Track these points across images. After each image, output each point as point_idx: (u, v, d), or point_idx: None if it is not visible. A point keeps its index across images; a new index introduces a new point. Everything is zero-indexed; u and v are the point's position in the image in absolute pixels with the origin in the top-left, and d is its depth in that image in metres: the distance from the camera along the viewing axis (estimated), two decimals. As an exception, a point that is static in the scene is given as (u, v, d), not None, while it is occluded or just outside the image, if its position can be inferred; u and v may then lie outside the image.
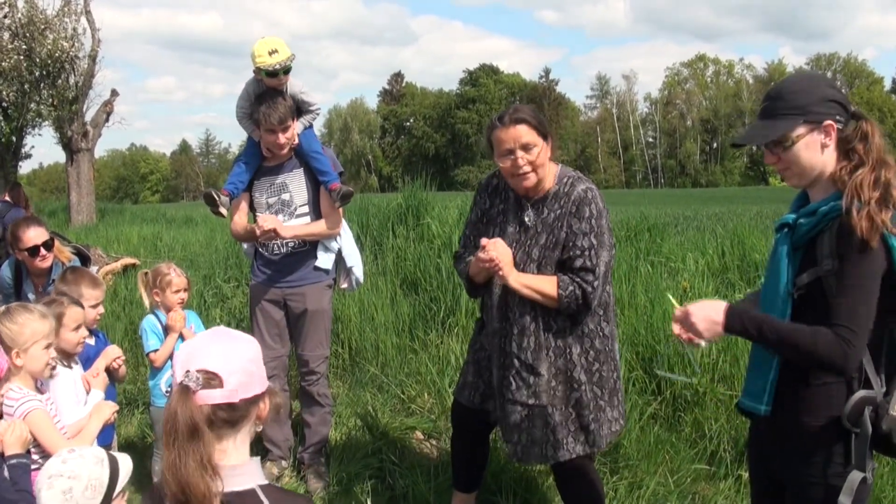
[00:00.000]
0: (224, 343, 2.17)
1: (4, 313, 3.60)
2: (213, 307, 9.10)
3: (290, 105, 5.15)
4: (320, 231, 5.38)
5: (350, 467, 5.48)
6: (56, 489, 2.45)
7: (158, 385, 5.35)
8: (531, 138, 3.81)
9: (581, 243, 3.81)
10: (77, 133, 27.82)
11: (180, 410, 1.99)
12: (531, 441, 4.00)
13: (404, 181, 10.40)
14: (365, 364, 7.10)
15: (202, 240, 15.00)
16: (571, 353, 3.91)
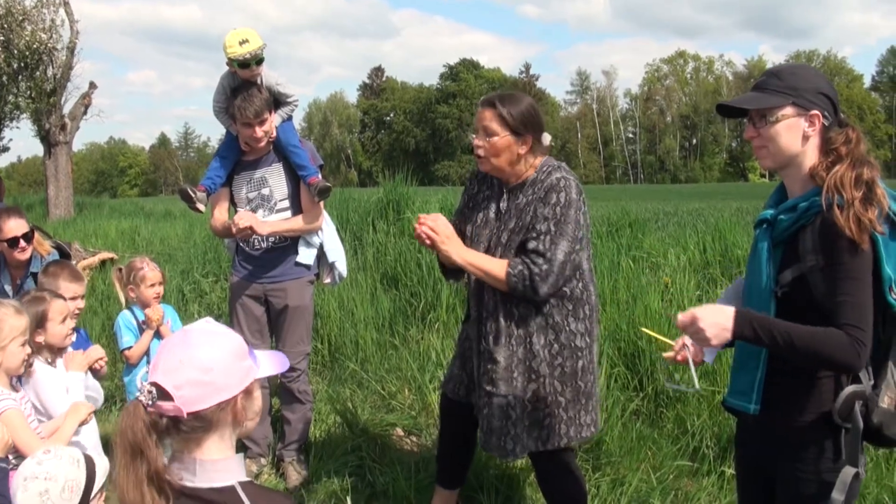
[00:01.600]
0: (179, 352, 2.05)
1: None
2: (192, 302, 9.04)
3: (267, 98, 5.06)
4: (299, 227, 5.31)
5: (330, 464, 5.43)
6: (32, 491, 2.39)
7: (134, 381, 5.30)
8: (492, 125, 3.80)
9: (539, 227, 3.77)
10: (55, 126, 27.59)
11: (124, 426, 1.95)
12: (490, 430, 3.96)
13: (384, 176, 10.36)
14: (344, 360, 7.05)
15: (181, 234, 14.93)
16: (533, 343, 3.86)
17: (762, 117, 2.77)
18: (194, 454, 2.04)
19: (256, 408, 2.17)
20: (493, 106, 3.81)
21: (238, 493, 2.05)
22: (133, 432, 1.93)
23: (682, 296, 7.08)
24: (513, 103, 3.83)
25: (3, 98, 29.10)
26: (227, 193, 5.42)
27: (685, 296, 7.07)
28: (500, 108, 3.79)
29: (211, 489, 2.01)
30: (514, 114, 3.80)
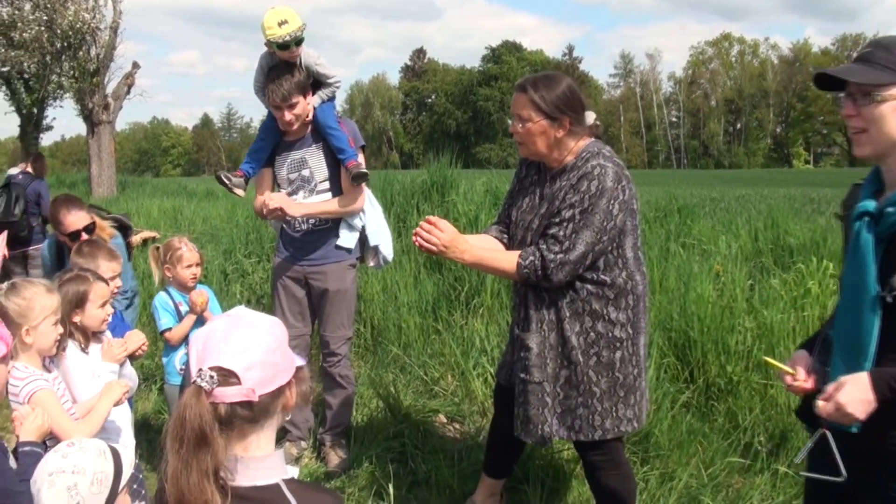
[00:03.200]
0: (242, 333, 1.96)
1: (10, 289, 3.45)
2: (234, 282, 9.01)
3: (300, 80, 4.97)
4: (334, 209, 5.22)
5: (371, 450, 5.35)
6: (59, 486, 2.31)
7: (173, 362, 5.25)
8: (525, 111, 3.69)
9: (564, 213, 3.64)
10: (98, 105, 27.85)
11: (189, 414, 1.81)
12: (526, 417, 3.87)
13: (425, 158, 10.26)
14: (387, 344, 6.97)
15: (223, 214, 14.95)
16: (565, 329, 3.74)
17: (866, 95, 2.48)
18: (235, 451, 1.93)
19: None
20: (524, 91, 3.70)
21: (283, 490, 1.95)
22: (200, 420, 1.81)
23: (734, 285, 6.89)
24: (547, 86, 3.69)
25: (47, 77, 29.39)
26: (269, 174, 5.34)
27: (737, 285, 6.88)
28: (531, 92, 3.67)
29: (254, 487, 1.91)
30: (548, 97, 3.66)
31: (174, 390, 5.25)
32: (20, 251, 9.59)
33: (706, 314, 6.01)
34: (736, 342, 5.85)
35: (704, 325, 5.90)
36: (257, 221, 10.32)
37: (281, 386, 1.97)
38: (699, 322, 5.94)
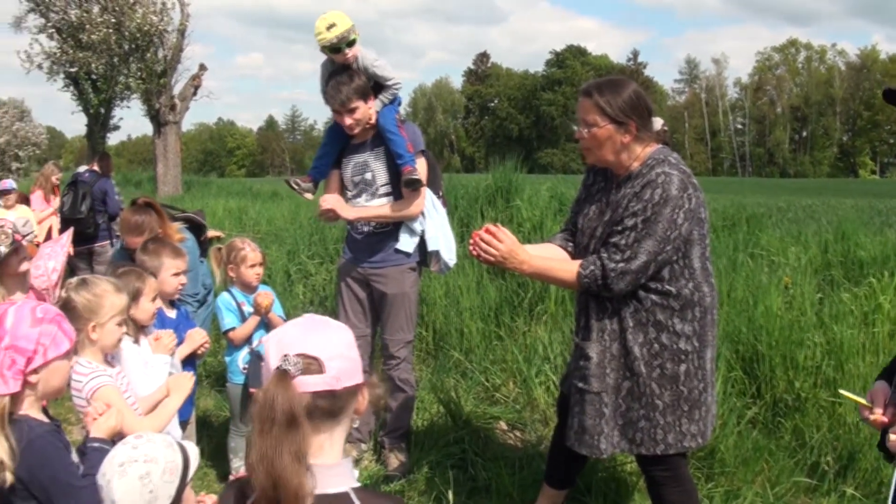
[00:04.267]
0: (321, 329, 1.98)
1: (80, 284, 3.48)
2: (297, 283, 9.05)
3: (359, 85, 4.98)
4: (388, 214, 5.22)
5: (431, 455, 5.33)
6: (131, 475, 2.32)
7: (236, 362, 5.30)
8: (591, 116, 3.62)
9: (627, 221, 3.57)
10: (165, 106, 28.33)
11: (279, 397, 1.80)
12: (582, 428, 3.81)
13: (487, 162, 10.22)
14: (449, 349, 6.94)
15: (287, 215, 15.08)
16: (628, 339, 3.67)
17: None
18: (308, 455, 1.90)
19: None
20: (589, 96, 3.63)
21: (352, 499, 1.93)
22: (289, 402, 1.81)
23: (803, 298, 6.74)
24: (612, 91, 3.62)
25: (114, 79, 29.99)
26: (337, 176, 5.37)
27: (806, 298, 6.73)
28: (597, 97, 3.60)
29: (323, 495, 1.88)
30: (614, 102, 3.59)
31: (237, 389, 5.31)
32: (86, 248, 9.77)
33: (774, 328, 5.89)
34: (804, 357, 5.71)
35: (773, 339, 5.78)
36: (320, 223, 10.38)
37: (357, 384, 1.96)
38: (767, 336, 5.81)
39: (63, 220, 10.06)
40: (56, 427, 2.73)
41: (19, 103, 57.58)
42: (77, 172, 10.64)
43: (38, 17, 30.49)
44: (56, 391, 2.73)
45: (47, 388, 2.64)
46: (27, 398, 2.59)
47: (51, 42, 30.42)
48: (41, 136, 56.82)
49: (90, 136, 33.86)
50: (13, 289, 4.44)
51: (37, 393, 2.61)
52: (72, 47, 29.35)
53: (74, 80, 31.98)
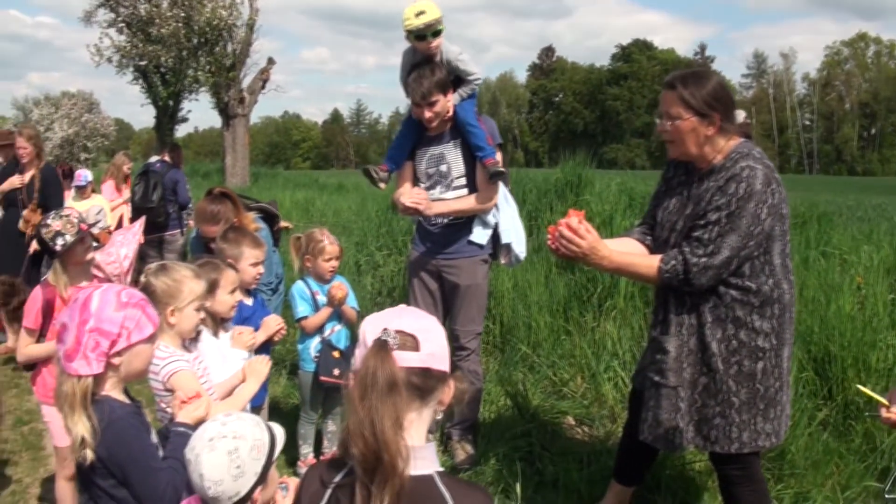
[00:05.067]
0: (417, 314, 2.06)
1: (160, 269, 3.54)
2: (366, 274, 9.10)
3: (440, 78, 4.99)
4: (468, 207, 5.23)
5: (499, 447, 5.33)
6: (220, 450, 2.35)
7: (308, 350, 5.35)
8: (675, 108, 3.58)
9: (710, 216, 3.52)
10: (234, 99, 28.66)
11: (379, 366, 1.87)
12: (657, 422, 3.77)
13: (551, 157, 10.19)
14: (517, 342, 6.91)
15: (354, 207, 15.13)
16: (706, 335, 3.63)
17: None
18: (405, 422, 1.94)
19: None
20: (673, 88, 3.59)
21: (436, 483, 1.95)
22: (390, 369, 1.87)
23: (876, 299, 6.60)
24: (696, 83, 3.57)
25: (183, 72, 30.43)
26: (410, 168, 5.39)
27: (878, 299, 6.59)
28: (681, 89, 3.56)
29: (409, 476, 1.89)
30: (697, 94, 3.54)
31: (308, 376, 5.37)
32: (156, 236, 9.94)
33: (847, 328, 5.78)
34: (877, 359, 5.61)
35: (845, 340, 5.67)
36: (389, 214, 10.42)
37: (446, 372, 2.00)
38: (840, 336, 5.71)
39: (134, 209, 10.26)
40: (137, 408, 2.78)
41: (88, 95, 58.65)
42: (148, 163, 10.82)
43: (108, 12, 31.18)
44: (138, 373, 2.79)
45: (130, 370, 2.70)
46: (109, 379, 2.65)
47: (120, 36, 31.05)
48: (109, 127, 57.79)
49: (159, 127, 34.46)
50: (78, 277, 4.56)
51: (119, 375, 2.67)
52: (141, 41, 29.91)
53: (143, 74, 32.58)
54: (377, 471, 1.84)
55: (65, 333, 2.56)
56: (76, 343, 2.53)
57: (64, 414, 2.55)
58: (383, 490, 1.83)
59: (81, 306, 2.56)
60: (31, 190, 8.32)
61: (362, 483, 1.88)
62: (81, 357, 2.53)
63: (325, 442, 5.64)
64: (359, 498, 1.89)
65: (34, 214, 8.17)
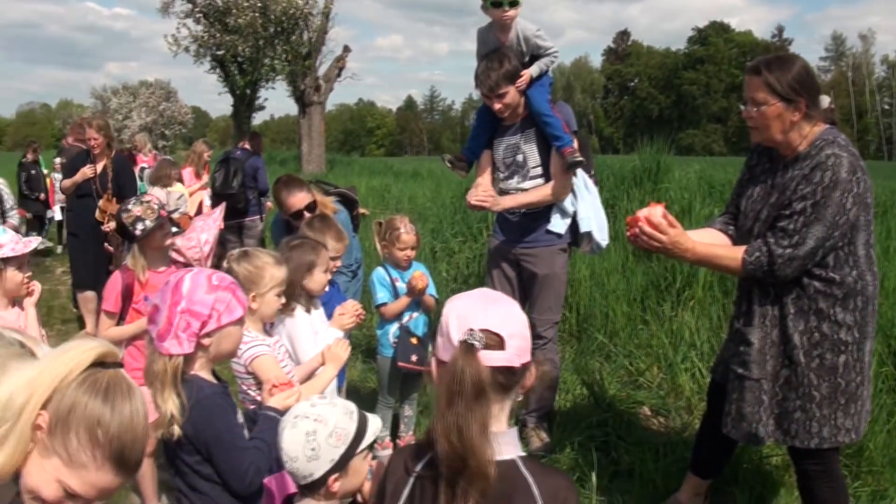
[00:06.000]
0: (499, 305, 2.02)
1: (242, 255, 3.62)
2: (441, 261, 9.11)
3: (507, 70, 4.95)
4: (541, 199, 5.21)
5: (574, 436, 5.32)
6: (300, 429, 2.41)
7: (387, 335, 5.40)
8: (760, 94, 3.51)
9: (795, 205, 3.46)
10: (310, 87, 28.91)
11: (468, 369, 1.85)
12: (740, 415, 3.72)
13: (626, 143, 10.07)
14: (593, 331, 6.89)
15: (429, 194, 15.15)
16: (789, 327, 3.57)
17: None
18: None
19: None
20: (758, 73, 3.52)
21: (519, 467, 1.95)
22: (478, 374, 1.86)
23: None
24: (781, 67, 3.50)
25: (260, 61, 30.78)
26: (489, 157, 5.40)
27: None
28: (766, 74, 3.49)
29: None
30: (783, 79, 3.47)
31: (386, 362, 5.44)
32: (236, 222, 10.09)
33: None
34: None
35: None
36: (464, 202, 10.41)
37: (528, 362, 1.99)
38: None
39: (214, 196, 10.44)
40: (224, 388, 2.85)
41: (165, 84, 60.03)
42: (229, 150, 10.98)
43: (185, 3, 31.73)
44: (227, 354, 2.87)
45: (219, 351, 2.76)
46: (199, 360, 2.72)
47: (197, 26, 31.52)
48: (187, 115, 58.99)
49: (236, 115, 34.99)
50: (157, 262, 4.69)
51: (208, 355, 2.74)
52: (218, 31, 30.36)
53: (221, 63, 33.09)
54: (463, 472, 1.84)
55: (157, 314, 2.63)
56: (168, 323, 2.60)
57: (154, 391, 2.62)
58: (468, 492, 1.85)
59: (174, 288, 2.63)
60: (104, 180, 8.51)
61: (447, 482, 1.89)
62: (173, 337, 2.60)
63: (402, 426, 5.69)
64: (443, 497, 1.90)
65: (109, 203, 8.39)
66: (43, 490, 1.91)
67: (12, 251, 3.96)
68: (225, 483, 2.71)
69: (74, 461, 1.86)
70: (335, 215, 5.68)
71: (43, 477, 1.90)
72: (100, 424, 1.84)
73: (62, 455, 1.86)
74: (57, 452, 1.86)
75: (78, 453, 1.85)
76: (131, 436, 1.88)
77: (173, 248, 5.01)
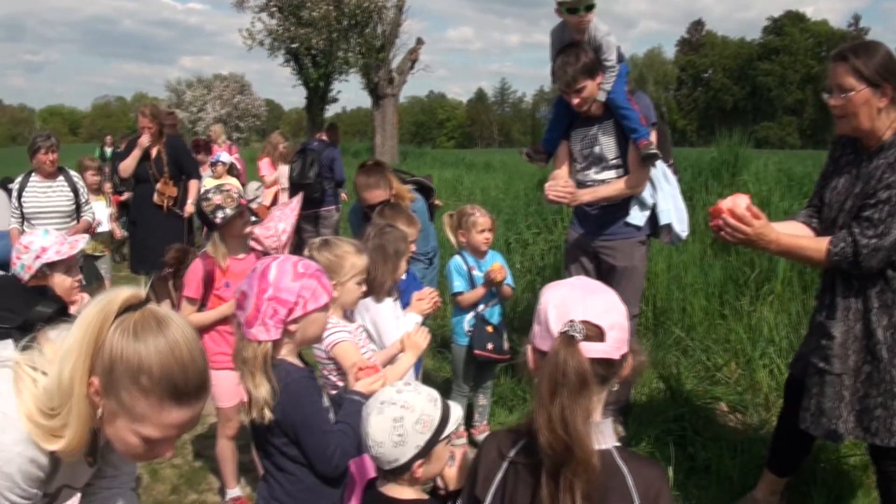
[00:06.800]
0: (599, 296, 2.02)
1: (323, 244, 3.66)
2: (515, 252, 9.09)
3: (586, 63, 4.90)
4: (617, 192, 5.17)
5: (650, 430, 5.29)
6: (386, 415, 2.43)
7: (462, 324, 5.43)
8: (847, 80, 3.44)
9: (881, 194, 3.38)
10: (383, 79, 29.03)
11: (571, 361, 1.85)
12: (820, 411, 3.63)
13: (699, 136, 9.94)
14: (670, 325, 6.82)
15: (501, 185, 15.13)
16: (872, 321, 3.49)
17: None
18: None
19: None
20: (844, 59, 3.45)
21: (614, 457, 1.96)
22: (580, 366, 1.85)
23: None
24: (866, 53, 3.44)
25: (334, 54, 31.01)
26: (566, 149, 5.38)
27: None
28: (852, 60, 3.43)
29: None
30: (869, 64, 3.41)
31: (461, 350, 5.46)
32: (312, 212, 10.21)
33: None
34: None
35: None
36: (538, 193, 10.37)
37: (625, 353, 1.98)
38: None
39: (291, 186, 10.56)
40: (310, 372, 2.89)
41: (239, 78, 61.06)
42: (306, 141, 11.11)
43: (261, -3, 32.00)
44: (312, 339, 2.90)
45: (305, 336, 2.80)
46: (286, 345, 2.76)
47: (272, 20, 31.85)
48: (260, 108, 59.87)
49: (309, 108, 35.33)
50: (236, 249, 4.76)
51: (294, 340, 2.78)
52: (293, 24, 30.62)
53: (295, 56, 33.43)
54: (568, 464, 1.84)
55: (245, 301, 2.68)
56: (255, 310, 2.65)
57: (244, 377, 2.68)
58: (574, 482, 1.84)
59: (260, 276, 2.68)
60: (159, 165, 8.69)
61: (550, 474, 1.88)
62: (260, 324, 2.65)
63: (476, 415, 5.71)
64: (545, 489, 1.90)
65: (167, 187, 8.59)
66: (130, 448, 1.95)
67: (57, 254, 3.84)
68: (311, 465, 2.76)
69: (136, 413, 1.89)
70: (413, 203, 5.71)
71: (122, 437, 1.95)
72: (141, 370, 1.86)
73: (124, 411, 1.90)
74: (120, 410, 1.90)
75: (134, 406, 1.88)
76: (178, 366, 1.89)
77: (251, 237, 5.08)
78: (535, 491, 1.93)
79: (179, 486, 5.36)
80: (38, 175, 7.59)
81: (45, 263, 3.78)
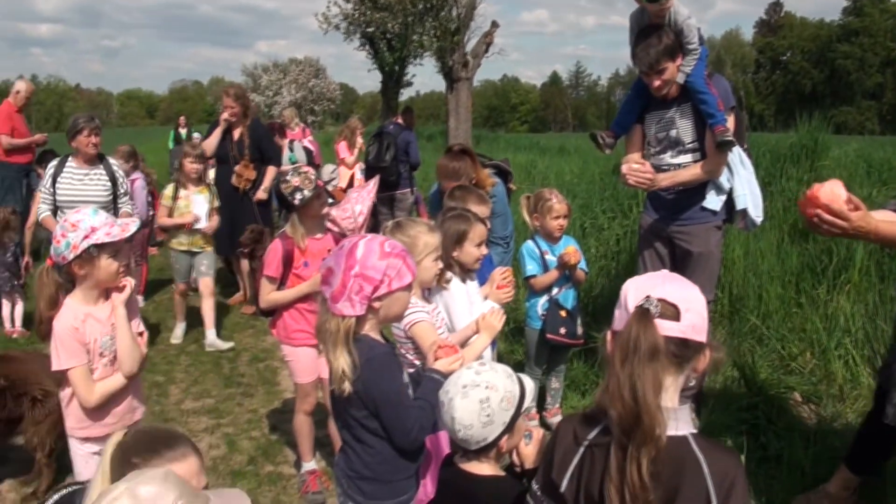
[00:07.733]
0: (679, 282, 2.09)
1: (396, 226, 3.73)
2: (589, 237, 9.07)
3: (668, 45, 4.87)
4: (694, 177, 5.14)
5: (723, 417, 5.27)
6: (472, 398, 2.49)
7: (535, 307, 5.45)
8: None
9: None
10: (458, 63, 28.97)
11: (642, 332, 1.91)
12: None
13: (776, 120, 9.74)
14: (746, 313, 6.74)
15: (576, 170, 15.05)
16: None
17: None
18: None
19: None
20: None
21: (691, 444, 1.98)
22: (653, 335, 1.91)
23: None
24: None
25: (409, 37, 31.06)
26: (639, 132, 5.35)
27: None
28: None
29: (667, 436, 1.93)
30: None
31: (533, 333, 5.51)
32: (388, 194, 10.33)
33: None
34: None
35: None
36: (613, 178, 10.33)
37: (703, 343, 2.02)
38: None
39: (367, 169, 10.70)
40: (392, 348, 2.99)
41: (314, 62, 61.51)
42: (382, 125, 11.21)
43: (336, -19, 32.17)
44: (395, 317, 3.00)
45: (388, 313, 2.90)
46: (369, 321, 2.85)
47: (347, 4, 32.05)
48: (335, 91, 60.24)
49: (384, 92, 35.52)
50: (313, 230, 4.88)
51: (378, 317, 2.87)
52: (368, 8, 30.76)
53: (370, 40, 33.60)
54: (635, 433, 1.87)
55: (331, 277, 2.78)
56: (342, 286, 2.74)
57: (327, 349, 2.78)
58: (640, 452, 1.87)
59: (348, 253, 2.77)
60: (241, 147, 8.84)
61: (618, 444, 1.92)
62: (346, 299, 2.74)
63: (549, 398, 5.75)
64: (614, 460, 1.93)
65: (246, 169, 8.71)
66: None
67: (107, 236, 3.59)
68: (390, 438, 2.84)
69: None
70: (493, 188, 5.75)
71: None
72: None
73: None
74: None
75: None
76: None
77: (329, 218, 5.18)
78: (607, 469, 1.96)
79: (256, 457, 5.52)
80: (76, 161, 7.11)
81: (93, 244, 3.55)
